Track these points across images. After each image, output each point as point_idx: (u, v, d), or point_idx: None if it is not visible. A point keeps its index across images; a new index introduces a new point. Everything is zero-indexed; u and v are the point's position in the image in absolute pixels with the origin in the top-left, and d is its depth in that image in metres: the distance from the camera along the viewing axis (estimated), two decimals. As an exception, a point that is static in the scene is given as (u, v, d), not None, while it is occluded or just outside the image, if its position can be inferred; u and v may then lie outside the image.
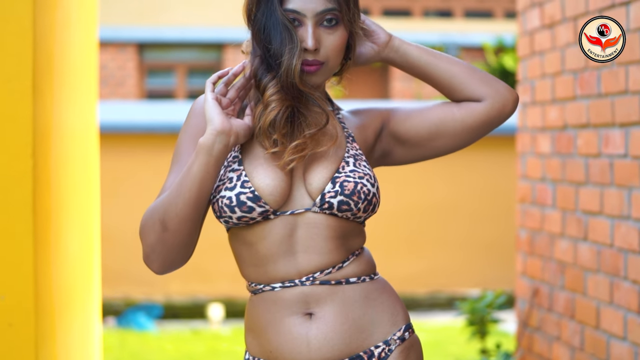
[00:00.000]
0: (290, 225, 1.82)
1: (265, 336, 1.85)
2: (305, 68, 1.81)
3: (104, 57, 11.51)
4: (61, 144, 3.06)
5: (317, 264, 1.82)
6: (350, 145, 1.90)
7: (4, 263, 2.59)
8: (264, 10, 1.81)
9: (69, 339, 3.20)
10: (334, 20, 1.83)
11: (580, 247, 3.38)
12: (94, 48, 4.08)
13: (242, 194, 1.78)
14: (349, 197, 1.80)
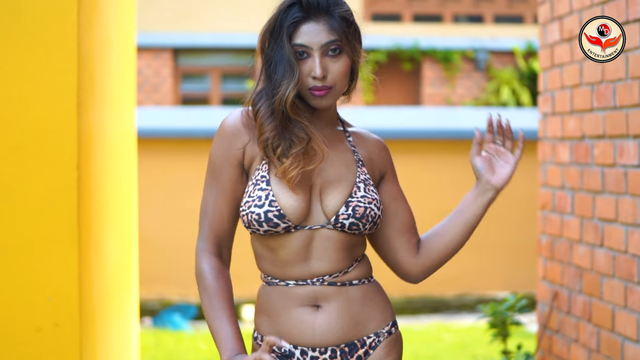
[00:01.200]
0: (307, 238, 2.11)
1: (277, 319, 2.14)
2: (315, 93, 2.09)
3: (139, 63, 11.75)
4: (101, 153, 3.26)
5: (327, 269, 2.13)
6: (360, 170, 2.18)
7: (51, 268, 2.78)
8: (273, 45, 2.09)
9: (109, 338, 3.39)
10: (338, 50, 2.09)
11: (596, 253, 3.52)
12: (132, 59, 4.28)
13: (269, 212, 2.07)
14: (359, 219, 2.11)
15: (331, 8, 2.09)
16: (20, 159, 2.78)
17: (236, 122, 2.15)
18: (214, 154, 2.16)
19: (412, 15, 12.36)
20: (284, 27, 2.08)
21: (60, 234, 2.78)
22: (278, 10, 2.11)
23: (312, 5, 2.08)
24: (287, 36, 2.08)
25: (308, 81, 2.10)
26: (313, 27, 2.08)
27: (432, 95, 11.84)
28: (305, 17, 2.08)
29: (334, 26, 2.08)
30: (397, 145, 8.33)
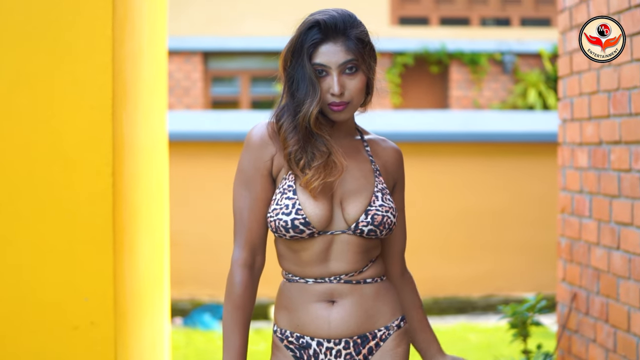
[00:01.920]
0: (328, 242, 2.29)
1: (296, 314, 2.31)
2: (334, 108, 2.25)
3: (170, 67, 11.92)
4: (134, 159, 3.41)
5: (344, 269, 2.31)
6: (378, 179, 2.35)
7: (87, 269, 2.93)
8: (295, 65, 2.26)
9: (142, 336, 3.53)
10: (354, 68, 2.25)
11: (613, 256, 3.62)
12: (163, 65, 4.43)
13: (296, 220, 2.24)
14: (377, 227, 2.29)
15: (348, 30, 2.25)
16: (60, 167, 2.93)
17: (263, 134, 2.29)
18: (245, 165, 2.30)
19: (440, 19, 12.43)
20: (304, 47, 2.23)
21: (96, 239, 2.93)
22: (299, 32, 2.26)
23: (330, 27, 2.24)
24: (308, 56, 2.23)
25: (327, 97, 2.25)
26: (331, 48, 2.23)
27: (459, 98, 11.91)
28: (324, 39, 2.24)
29: (350, 47, 2.23)
30: (424, 148, 8.45)
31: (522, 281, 8.24)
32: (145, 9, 3.80)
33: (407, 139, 8.45)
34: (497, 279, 8.36)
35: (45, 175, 2.93)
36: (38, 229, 2.94)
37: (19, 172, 2.93)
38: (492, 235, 8.40)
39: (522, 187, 8.34)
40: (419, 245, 8.32)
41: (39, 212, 2.94)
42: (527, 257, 8.29)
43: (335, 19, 2.26)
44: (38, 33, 2.93)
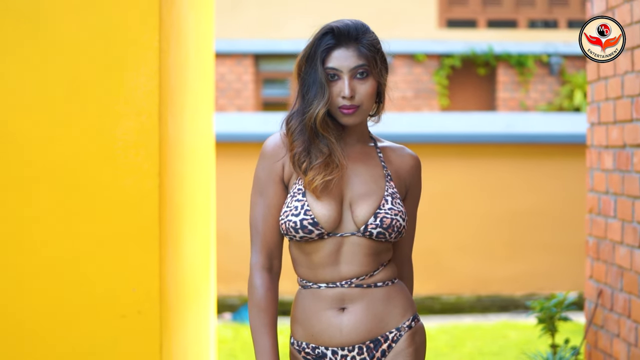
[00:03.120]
0: (338, 243, 2.36)
1: (309, 323, 2.38)
2: (344, 111, 2.34)
3: (222, 69, 12.20)
4: (180, 161, 3.65)
5: (355, 272, 2.37)
6: (389, 184, 2.41)
7: (135, 262, 3.18)
8: (308, 68, 2.35)
9: (186, 326, 3.78)
10: (365, 73, 2.34)
11: (635, 254, 3.78)
12: (210, 69, 4.68)
13: (304, 220, 2.32)
14: (385, 229, 2.35)
15: (360, 36, 2.34)
16: (110, 168, 3.18)
17: (276, 143, 2.40)
18: (259, 173, 2.42)
19: (487, 21, 12.54)
20: (317, 52, 2.33)
21: (143, 234, 3.18)
22: (313, 39, 2.36)
23: (343, 34, 2.33)
24: (321, 60, 2.32)
25: (338, 100, 2.33)
26: (343, 53, 2.33)
27: (506, 100, 12.02)
28: (337, 44, 2.33)
29: (362, 52, 2.32)
30: (470, 150, 8.61)
31: (564, 280, 8.36)
32: (191, 18, 4.05)
33: (453, 140, 8.63)
34: (540, 278, 8.49)
35: (97, 176, 3.19)
36: (91, 226, 3.19)
37: (73, 172, 3.18)
38: (536, 235, 8.53)
39: (566, 187, 8.45)
40: (463, 244, 8.49)
41: (91, 210, 3.19)
42: (570, 256, 8.40)
43: (348, 26, 2.34)
44: (91, 45, 3.18)
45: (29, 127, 3.17)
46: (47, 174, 3.18)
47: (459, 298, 8.47)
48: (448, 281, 8.48)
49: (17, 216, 3.18)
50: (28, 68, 3.18)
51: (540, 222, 8.50)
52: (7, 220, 3.18)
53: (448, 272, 8.50)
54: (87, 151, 3.18)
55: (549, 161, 8.60)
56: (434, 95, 12.17)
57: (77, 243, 3.17)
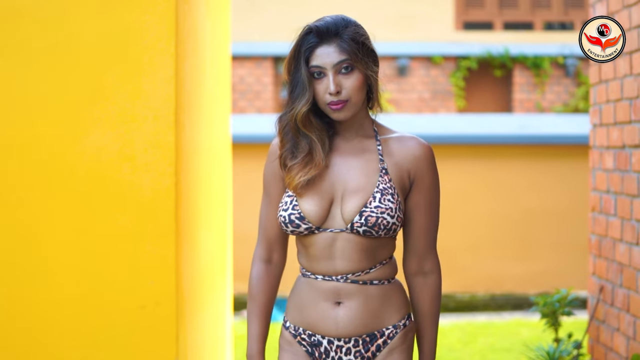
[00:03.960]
0: (331, 239, 2.39)
1: (306, 311, 2.43)
2: (332, 107, 2.35)
3: (242, 72, 12.39)
4: (196, 161, 3.83)
5: (350, 268, 2.40)
6: (382, 178, 2.40)
7: (153, 256, 3.36)
8: (294, 68, 2.37)
9: (202, 318, 3.95)
10: (349, 67, 2.35)
11: (633, 251, 3.92)
12: (226, 73, 4.86)
13: (292, 215, 2.39)
14: (371, 228, 2.36)
15: (340, 31, 2.35)
16: (130, 168, 3.36)
17: (276, 142, 2.46)
18: (264, 173, 2.51)
19: (503, 23, 12.67)
20: (301, 52, 2.36)
21: (160, 230, 3.36)
22: (297, 39, 2.38)
23: (323, 31, 2.35)
24: (304, 60, 2.35)
25: (326, 97, 2.35)
26: (326, 50, 2.34)
27: (522, 101, 12.14)
28: (319, 42, 2.35)
29: (343, 47, 2.33)
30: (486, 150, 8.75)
31: (577, 278, 8.48)
32: (208, 23, 4.23)
33: (468, 141, 8.78)
34: (553, 277, 8.62)
35: (117, 175, 3.37)
36: (111, 222, 3.37)
37: (95, 172, 3.37)
38: (549, 234, 8.66)
39: (578, 187, 8.57)
40: (477, 243, 8.64)
41: (112, 207, 3.38)
42: (583, 255, 8.52)
43: (328, 23, 2.36)
44: (111, 51, 3.37)
45: (53, 129, 3.36)
46: (70, 173, 3.36)
47: (473, 296, 8.62)
48: (462, 280, 8.62)
49: (43, 213, 3.37)
50: (51, 73, 3.36)
51: (554, 221, 8.63)
52: (33, 216, 3.37)
53: (462, 271, 8.65)
54: (107, 152, 3.36)
55: (561, 161, 8.73)
56: (450, 97, 12.30)
57: (99, 238, 3.36)
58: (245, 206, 8.14)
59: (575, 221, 8.58)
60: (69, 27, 3.37)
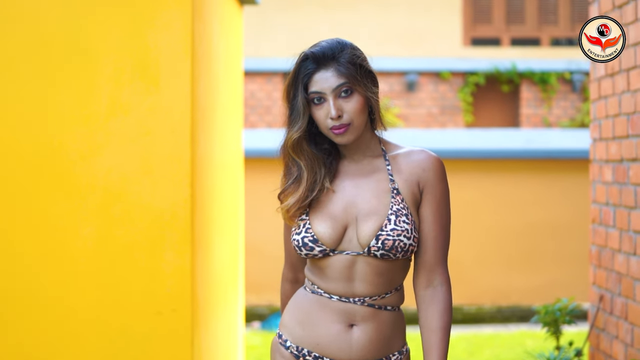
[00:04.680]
0: (350, 261, 2.36)
1: (315, 332, 2.39)
2: (335, 132, 2.33)
3: (252, 87, 12.57)
4: (210, 174, 3.99)
5: (368, 291, 2.37)
6: (394, 199, 2.37)
7: (169, 265, 3.52)
8: (292, 94, 2.36)
9: (216, 326, 4.11)
10: (349, 90, 2.33)
11: (631, 261, 4.07)
12: (239, 90, 5.03)
13: (305, 237, 2.36)
14: (388, 251, 2.33)
15: (337, 55, 2.33)
16: (149, 180, 3.53)
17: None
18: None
19: (511, 39, 12.83)
20: (299, 79, 2.33)
21: (177, 240, 3.52)
22: (295, 66, 2.37)
23: (319, 57, 2.32)
24: (303, 86, 2.33)
25: (328, 122, 2.33)
26: (323, 75, 2.31)
27: (529, 116, 12.29)
28: (316, 68, 2.32)
29: (341, 71, 2.31)
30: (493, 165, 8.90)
31: (582, 291, 8.60)
32: (221, 42, 4.40)
33: (476, 156, 8.93)
34: (559, 289, 8.73)
35: (136, 187, 3.54)
36: (130, 231, 3.54)
37: (116, 184, 3.54)
38: (556, 248, 8.79)
39: (584, 200, 8.70)
40: (486, 256, 8.78)
41: (131, 217, 3.54)
42: (586, 268, 8.64)
43: (323, 47, 2.34)
44: (131, 71, 3.54)
45: (77, 143, 3.53)
46: (90, 184, 3.53)
47: (480, 308, 8.75)
48: (469, 292, 8.76)
49: (65, 223, 3.53)
50: (74, 90, 3.54)
51: (559, 235, 8.77)
52: (55, 226, 3.53)
53: (469, 283, 8.78)
54: (127, 165, 3.53)
55: (567, 175, 8.86)
56: (459, 112, 12.46)
57: (119, 247, 3.52)
58: (255, 219, 8.29)
59: (581, 234, 8.70)
60: (91, 47, 3.54)
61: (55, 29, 3.54)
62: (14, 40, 3.53)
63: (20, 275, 3.53)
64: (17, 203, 3.53)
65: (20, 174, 3.53)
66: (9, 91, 3.53)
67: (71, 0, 3.54)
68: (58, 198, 3.54)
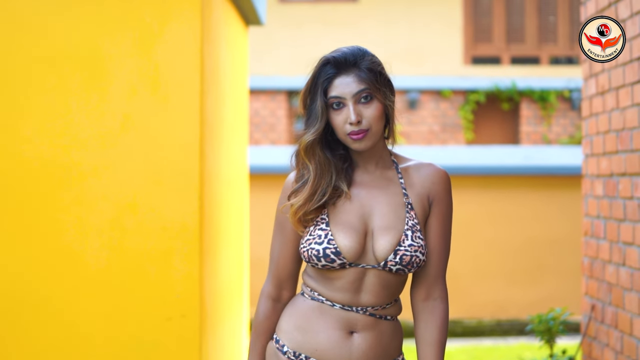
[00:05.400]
0: (361, 273, 2.37)
1: (314, 338, 2.38)
2: (353, 137, 2.34)
3: (257, 105, 12.77)
4: (217, 187, 4.18)
5: (372, 302, 2.39)
6: (409, 214, 2.39)
7: (179, 273, 3.70)
8: (311, 98, 2.37)
9: (222, 332, 4.29)
10: (369, 97, 2.33)
11: (620, 271, 4.24)
12: (244, 108, 5.21)
13: (327, 249, 2.34)
14: (404, 266, 2.35)
15: (358, 61, 2.34)
16: (159, 193, 3.71)
17: (290, 179, 2.45)
18: (278, 208, 2.46)
19: (511, 58, 13.04)
20: (319, 83, 2.35)
21: (186, 249, 3.70)
22: (314, 71, 2.38)
23: (341, 62, 2.34)
24: (322, 91, 2.34)
25: (346, 128, 2.33)
26: (344, 80, 2.33)
27: (529, 133, 12.48)
28: (337, 73, 2.34)
29: (362, 77, 2.32)
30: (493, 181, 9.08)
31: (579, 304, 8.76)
32: (228, 61, 4.59)
33: (476, 172, 9.11)
34: (557, 303, 8.88)
35: (147, 199, 3.72)
36: (142, 241, 3.72)
37: (128, 195, 3.71)
38: (554, 262, 8.95)
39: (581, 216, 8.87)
40: (485, 270, 8.94)
41: (142, 228, 3.72)
42: (585, 282, 8.81)
43: (345, 53, 2.36)
44: (143, 88, 3.73)
45: (91, 157, 3.72)
46: (105, 196, 3.72)
47: (480, 322, 8.90)
48: (469, 306, 8.92)
49: (79, 233, 3.72)
50: (91, 108, 3.73)
51: (557, 249, 8.93)
52: (70, 235, 3.72)
53: (469, 297, 8.94)
54: (139, 178, 3.71)
55: (565, 191, 9.03)
56: (459, 130, 12.65)
57: (131, 256, 3.70)
58: (260, 233, 8.46)
59: (578, 249, 8.86)
60: (105, 66, 3.73)
61: (72, 49, 3.73)
62: (31, 59, 3.72)
63: (36, 284, 3.70)
64: (33, 215, 3.71)
65: (35, 187, 3.72)
66: (25, 107, 3.72)
67: (87, 21, 3.73)
68: (72, 210, 3.72)
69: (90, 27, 3.73)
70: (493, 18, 13.04)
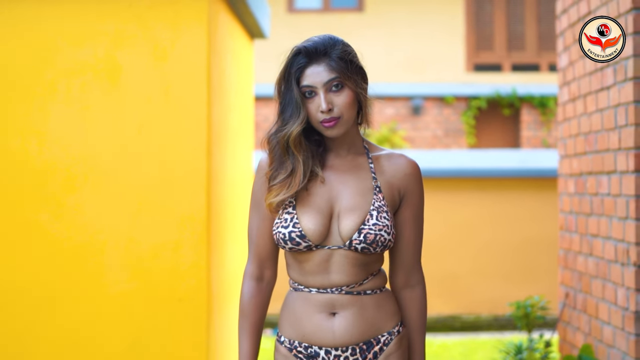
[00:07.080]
0: (327, 255, 2.40)
1: (301, 324, 2.43)
2: (325, 125, 2.35)
3: (265, 111, 13.19)
4: (223, 187, 4.63)
5: (345, 281, 2.40)
6: (376, 196, 2.41)
7: (189, 261, 4.16)
8: (284, 89, 2.38)
9: (227, 314, 4.74)
10: (339, 85, 2.36)
11: (588, 261, 4.67)
12: (250, 112, 5.66)
13: (292, 232, 2.37)
14: (369, 245, 2.37)
15: (329, 50, 2.37)
16: (171, 190, 4.17)
17: (265, 159, 2.46)
18: (254, 188, 2.48)
19: (511, 65, 13.43)
20: (291, 73, 2.36)
21: (195, 240, 4.15)
22: (286, 61, 2.39)
23: (312, 51, 2.36)
24: (295, 80, 2.35)
25: (318, 116, 2.35)
26: (315, 69, 2.35)
27: (529, 138, 12.85)
28: (308, 62, 2.36)
29: (332, 66, 2.35)
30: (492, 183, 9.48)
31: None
32: (233, 71, 5.05)
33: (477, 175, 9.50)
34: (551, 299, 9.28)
35: (160, 196, 4.17)
36: (156, 233, 4.17)
37: (143, 193, 4.17)
38: (549, 261, 9.35)
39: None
40: (484, 268, 9.35)
41: (156, 221, 4.18)
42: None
43: (316, 43, 2.38)
44: (155, 98, 4.19)
45: (111, 159, 4.18)
46: (124, 194, 4.17)
47: (478, 317, 9.32)
48: (467, 302, 9.32)
49: (100, 226, 4.18)
50: (110, 115, 4.19)
51: (552, 249, 9.33)
52: (92, 228, 4.18)
53: (467, 294, 9.34)
54: (152, 178, 4.17)
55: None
56: (462, 135, 13.03)
57: (147, 246, 4.16)
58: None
59: (572, 248, 9.24)
60: (122, 76, 4.19)
61: (93, 62, 4.18)
62: (57, 71, 4.18)
63: (62, 270, 4.16)
64: (62, 209, 4.17)
65: (60, 186, 4.17)
66: (51, 114, 4.17)
67: (106, 38, 4.18)
68: (95, 205, 4.17)
69: (109, 42, 4.19)
70: (494, 27, 13.43)
